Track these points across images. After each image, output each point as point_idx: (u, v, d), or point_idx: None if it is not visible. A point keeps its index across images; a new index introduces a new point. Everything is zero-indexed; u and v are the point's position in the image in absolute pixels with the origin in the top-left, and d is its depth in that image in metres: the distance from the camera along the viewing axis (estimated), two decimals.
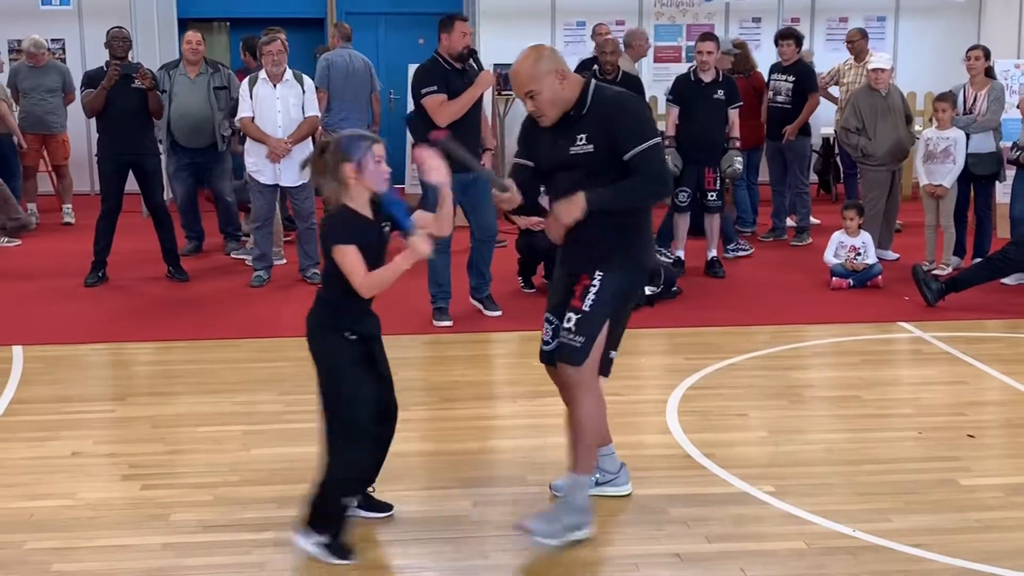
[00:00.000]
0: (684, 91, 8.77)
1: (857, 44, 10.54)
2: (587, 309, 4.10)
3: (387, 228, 4.00)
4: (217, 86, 9.37)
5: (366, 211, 3.94)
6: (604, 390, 4.70)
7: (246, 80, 8.61)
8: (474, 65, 7.47)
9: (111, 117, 8.51)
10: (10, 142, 10.94)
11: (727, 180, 8.95)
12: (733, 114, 8.72)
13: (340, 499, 3.98)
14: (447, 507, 4.47)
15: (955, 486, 4.71)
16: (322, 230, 4.06)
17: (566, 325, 4.12)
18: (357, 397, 3.99)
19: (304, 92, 8.53)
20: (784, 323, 7.47)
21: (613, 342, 4.26)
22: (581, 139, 4.10)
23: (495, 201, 4.28)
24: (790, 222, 10.47)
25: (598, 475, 4.53)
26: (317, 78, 9.87)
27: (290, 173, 8.43)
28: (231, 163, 9.70)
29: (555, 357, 4.25)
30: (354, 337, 4.01)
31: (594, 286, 4.11)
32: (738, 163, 8.69)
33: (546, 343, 4.32)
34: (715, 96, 8.65)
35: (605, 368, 4.29)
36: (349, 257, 3.86)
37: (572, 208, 4.02)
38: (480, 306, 7.63)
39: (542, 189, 4.42)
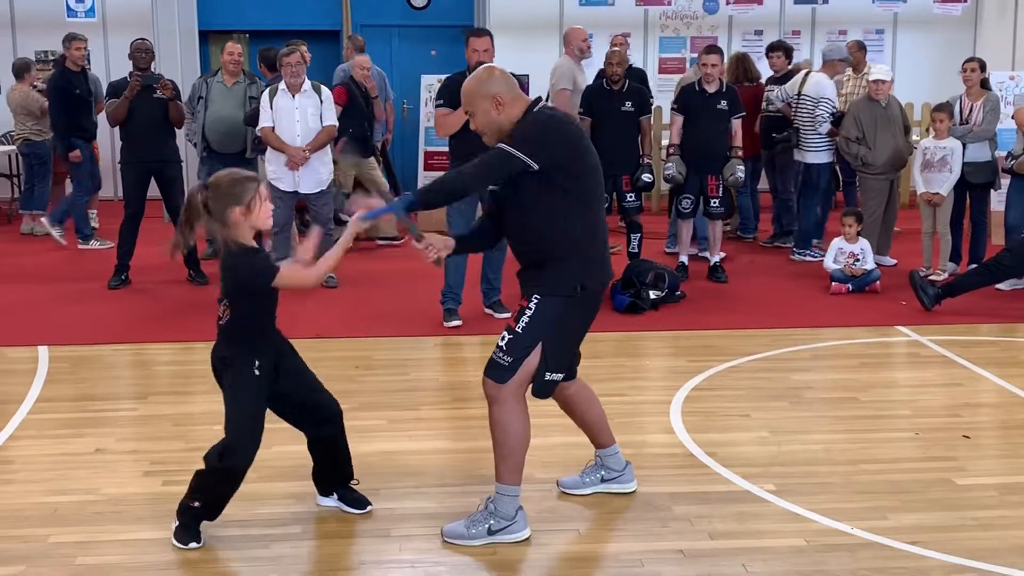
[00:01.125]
0: (689, 101, 8.76)
1: (855, 56, 10.53)
2: (519, 331, 4.03)
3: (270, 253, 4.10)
4: (252, 96, 9.41)
5: (252, 243, 3.94)
6: (609, 391, 4.72)
7: (266, 91, 8.64)
8: None
9: (134, 126, 8.55)
10: (47, 148, 10.97)
11: (729, 187, 8.95)
12: (736, 124, 8.72)
13: (193, 499, 4.06)
14: (458, 503, 4.47)
15: (951, 485, 4.70)
16: (236, 276, 3.96)
17: (499, 343, 4.07)
18: (247, 431, 4.04)
19: (322, 102, 8.56)
20: (785, 327, 7.46)
21: (553, 364, 4.09)
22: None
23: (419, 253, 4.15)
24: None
25: (603, 472, 4.54)
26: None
27: (309, 180, 8.47)
28: (257, 172, 9.74)
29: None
30: (258, 372, 4.02)
31: (529, 309, 4.03)
32: (740, 171, 8.68)
33: None
34: (719, 106, 8.64)
35: (541, 390, 4.15)
36: (290, 272, 3.93)
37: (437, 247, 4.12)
38: (491, 311, 7.62)
39: None
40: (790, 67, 10.18)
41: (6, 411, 5.69)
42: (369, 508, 4.37)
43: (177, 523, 4.08)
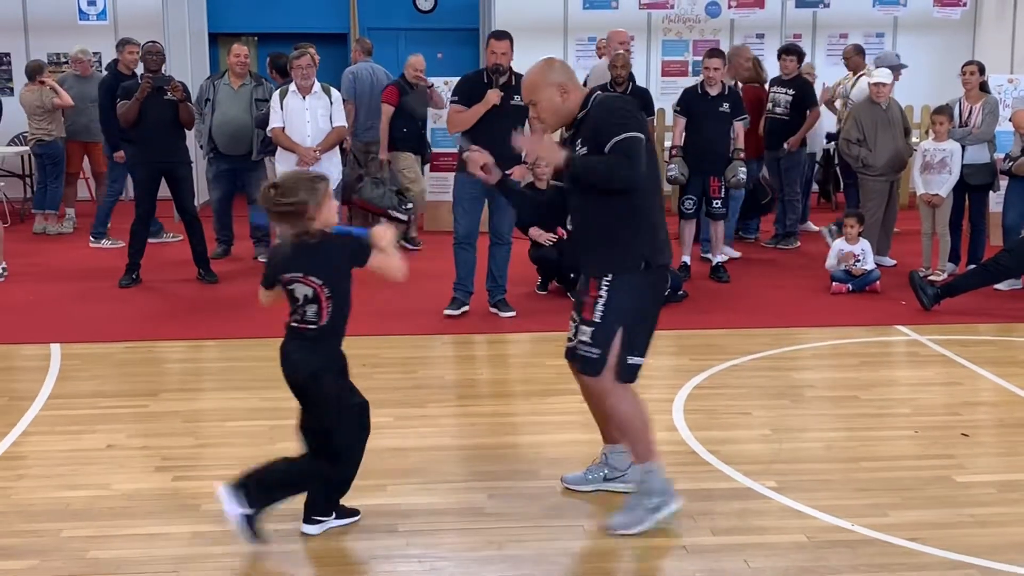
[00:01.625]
0: (691, 103, 8.76)
1: (852, 60, 10.52)
2: (598, 320, 4.06)
3: None
4: (259, 98, 9.42)
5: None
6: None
7: (277, 92, 8.66)
8: (513, 82, 7.36)
9: (145, 127, 8.56)
10: (60, 148, 10.99)
11: (731, 188, 8.95)
12: (738, 126, 8.72)
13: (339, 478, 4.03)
14: (464, 499, 4.47)
15: (950, 483, 4.70)
16: (339, 255, 3.89)
17: (581, 338, 4.10)
18: (353, 450, 4.06)
19: (332, 103, 8.58)
20: (786, 326, 7.46)
21: (634, 347, 4.13)
22: (579, 147, 4.10)
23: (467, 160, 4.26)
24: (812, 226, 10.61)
25: (606, 471, 4.53)
26: (344, 90, 9.92)
27: None
28: (265, 172, 9.75)
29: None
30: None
31: (602, 296, 4.06)
32: (742, 173, 8.67)
33: (568, 340, 4.28)
34: (721, 109, 8.64)
35: (627, 374, 4.15)
36: (381, 256, 3.87)
37: (553, 153, 4.04)
38: (496, 311, 7.64)
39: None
40: (800, 71, 10.16)
41: (19, 408, 5.70)
42: (358, 517, 4.26)
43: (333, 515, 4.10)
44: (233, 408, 5.72)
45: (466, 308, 7.64)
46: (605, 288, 4.06)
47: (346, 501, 4.20)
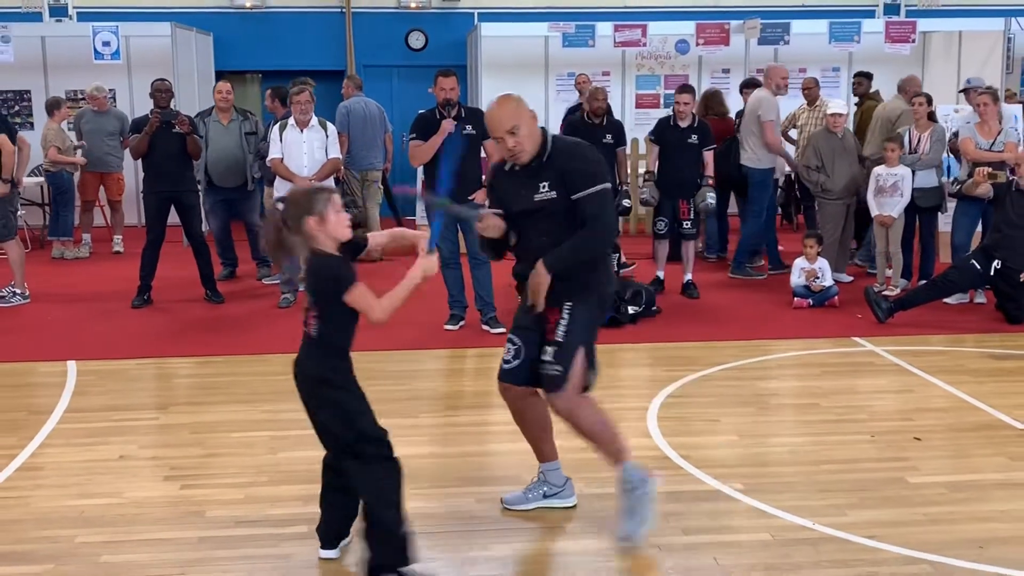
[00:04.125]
0: (664, 134, 8.81)
1: (811, 92, 10.58)
2: (561, 340, 4.03)
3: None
4: (248, 132, 9.42)
5: (335, 252, 3.70)
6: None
7: (276, 126, 8.64)
8: (463, 114, 7.49)
9: (154, 158, 8.55)
10: (69, 177, 10.97)
11: (701, 213, 8.97)
12: (707, 155, 8.75)
13: (397, 528, 3.71)
14: (452, 504, 4.45)
15: (904, 483, 4.70)
16: (319, 279, 3.70)
17: (545, 358, 4.05)
18: (376, 430, 3.75)
19: (327, 136, 8.57)
20: (752, 339, 7.46)
21: (592, 363, 4.15)
22: (544, 187, 4.03)
23: (479, 231, 4.19)
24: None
25: (545, 488, 4.41)
26: (338, 123, 9.91)
27: None
28: (260, 199, 9.73)
29: (514, 376, 4.18)
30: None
31: (564, 319, 4.05)
32: (710, 198, 8.70)
33: (506, 362, 4.21)
34: (690, 140, 8.69)
35: (586, 386, 4.17)
36: (362, 292, 3.64)
37: (539, 280, 4.01)
38: (487, 327, 7.65)
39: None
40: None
41: (37, 421, 5.66)
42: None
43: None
44: (237, 420, 5.68)
45: (463, 322, 7.71)
46: (567, 312, 4.05)
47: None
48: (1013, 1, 14.50)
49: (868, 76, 10.79)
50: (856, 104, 10.79)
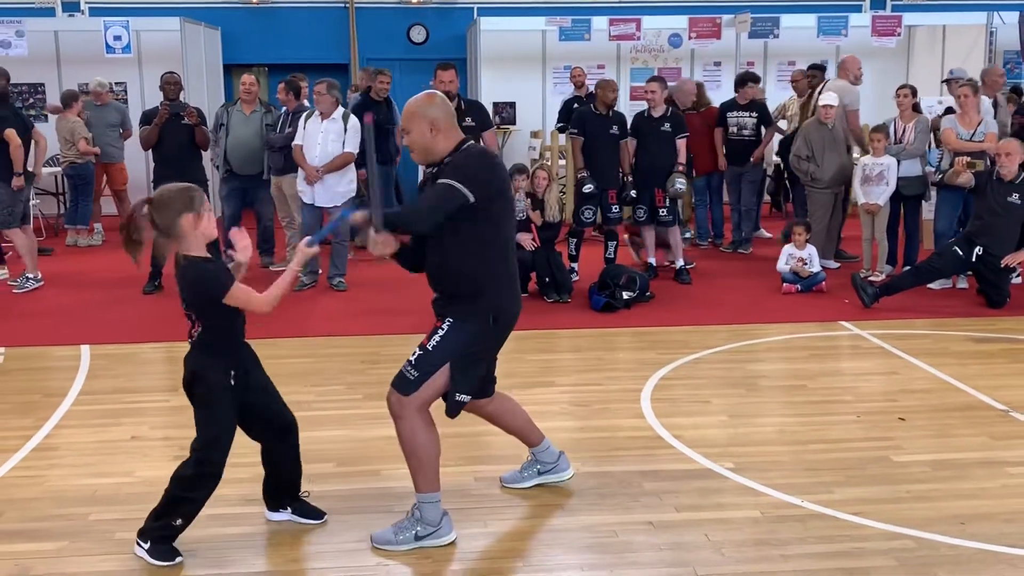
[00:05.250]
0: (639, 126, 8.80)
1: (800, 84, 10.54)
2: (429, 348, 3.79)
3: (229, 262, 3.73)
4: (268, 124, 9.40)
5: (205, 253, 3.61)
6: (587, 380, 4.66)
7: (304, 114, 8.68)
8: (463, 106, 7.48)
9: (164, 149, 8.54)
10: (90, 169, 10.93)
11: (670, 198, 8.83)
12: (680, 143, 8.72)
13: (175, 517, 3.73)
14: (451, 482, 4.44)
15: (889, 462, 4.70)
16: (194, 286, 3.59)
17: (410, 358, 3.83)
18: (220, 439, 3.73)
19: (346, 130, 8.55)
20: (742, 323, 7.46)
21: (463, 386, 3.85)
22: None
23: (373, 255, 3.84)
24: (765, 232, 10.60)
25: (539, 466, 4.40)
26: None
27: (323, 195, 8.49)
28: (270, 189, 9.71)
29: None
30: (233, 382, 3.73)
31: (441, 330, 3.80)
32: (679, 183, 8.64)
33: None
34: (662, 128, 8.67)
35: (451, 410, 3.90)
36: (242, 292, 3.56)
37: (387, 247, 3.74)
38: None
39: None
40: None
41: (52, 403, 5.66)
42: (324, 518, 4.06)
43: (148, 544, 3.73)
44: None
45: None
46: (448, 324, 3.81)
47: (349, 487, 4.15)
48: None
49: (822, 68, 10.68)
50: (809, 96, 10.57)
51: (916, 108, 9.13)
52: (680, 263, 8.94)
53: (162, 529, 3.75)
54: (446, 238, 3.76)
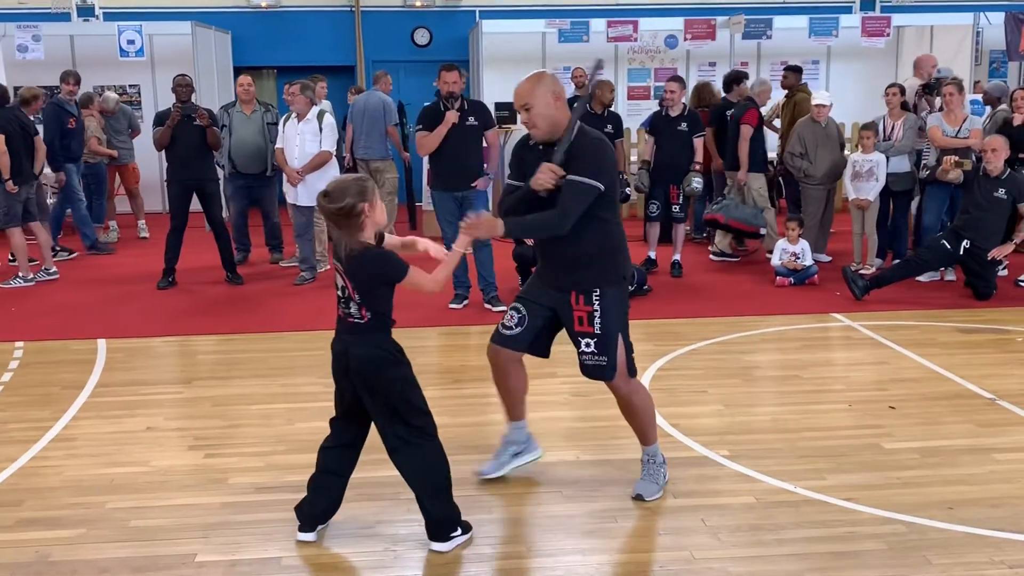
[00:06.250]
0: (656, 124, 8.84)
1: (787, 79, 10.48)
2: (600, 332, 3.95)
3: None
4: (269, 122, 9.40)
5: (374, 241, 3.60)
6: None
7: (283, 117, 8.67)
8: (466, 106, 7.47)
9: (176, 149, 8.53)
10: (104, 168, 10.94)
11: (688, 196, 8.95)
12: (697, 142, 8.73)
13: (448, 499, 3.75)
14: (457, 470, 4.39)
15: (879, 449, 4.70)
16: (373, 271, 3.55)
17: (585, 349, 3.98)
18: (426, 404, 3.72)
19: (321, 130, 8.51)
20: (737, 315, 7.45)
21: (629, 344, 4.08)
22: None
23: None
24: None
25: (512, 448, 4.41)
26: (349, 116, 9.94)
27: (305, 195, 8.49)
28: (279, 187, 9.70)
29: (514, 343, 4.11)
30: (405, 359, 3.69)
31: (597, 311, 3.94)
32: (696, 183, 8.69)
33: (507, 328, 4.14)
34: (679, 128, 8.67)
35: (631, 370, 4.10)
36: (417, 273, 3.57)
37: (491, 228, 3.80)
38: (489, 306, 7.65)
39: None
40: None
41: (70, 395, 5.66)
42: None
43: (459, 531, 3.76)
44: (256, 393, 5.68)
45: (467, 302, 7.71)
46: (597, 302, 3.94)
47: (359, 474, 4.13)
48: None
49: (796, 70, 10.59)
50: (787, 96, 10.51)
51: (904, 106, 9.11)
52: (677, 256, 8.95)
53: (451, 513, 3.75)
54: (578, 224, 3.85)
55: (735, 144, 9.28)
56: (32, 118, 9.31)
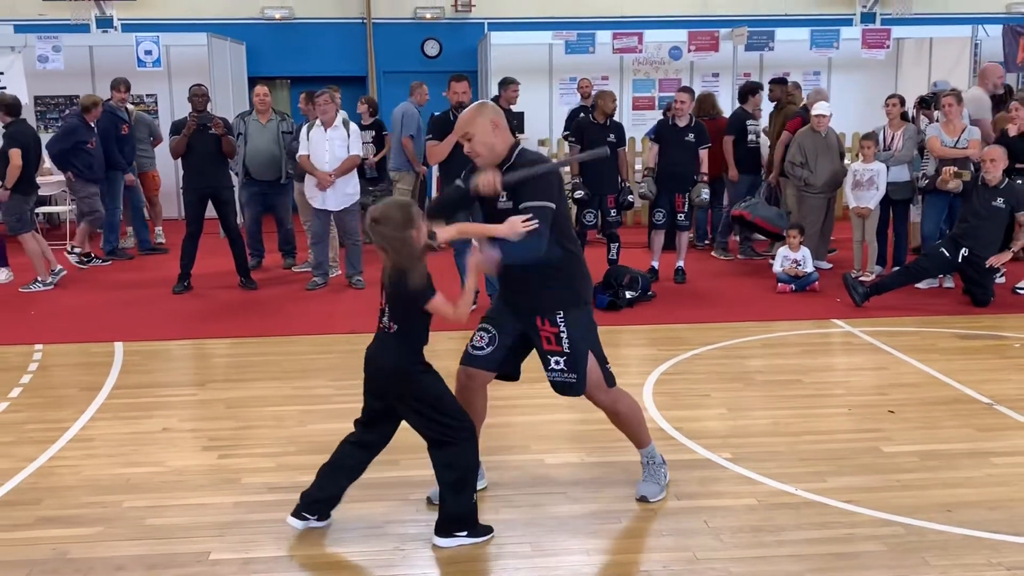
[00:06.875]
0: (662, 133, 8.78)
1: (793, 94, 10.47)
2: (569, 351, 3.89)
3: None
4: (284, 131, 9.42)
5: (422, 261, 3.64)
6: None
7: (305, 126, 8.66)
8: None
9: (192, 158, 8.56)
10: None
11: (695, 206, 8.91)
12: (703, 153, 8.71)
13: (469, 497, 3.78)
14: None
15: (878, 452, 4.69)
16: (399, 290, 3.61)
17: (555, 367, 3.92)
18: (460, 409, 3.80)
19: (349, 136, 8.55)
20: (740, 320, 7.45)
21: (603, 357, 4.03)
22: (502, 196, 3.84)
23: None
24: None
25: None
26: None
27: (334, 199, 8.50)
28: (292, 195, 9.72)
29: (484, 363, 4.02)
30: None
31: (563, 331, 3.87)
32: (705, 193, 8.68)
33: (477, 348, 4.06)
34: (687, 138, 8.65)
35: (610, 380, 4.06)
36: (440, 302, 3.63)
37: (492, 264, 3.73)
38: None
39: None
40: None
41: (88, 397, 5.68)
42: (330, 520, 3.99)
43: (466, 532, 3.76)
44: (269, 396, 5.70)
45: (475, 306, 7.61)
46: (561, 323, 3.88)
47: (368, 475, 4.13)
48: (980, 9, 14.40)
49: (783, 82, 10.59)
50: (775, 108, 10.36)
51: (904, 116, 9.10)
52: (681, 263, 8.94)
53: (469, 513, 3.78)
54: None
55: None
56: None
